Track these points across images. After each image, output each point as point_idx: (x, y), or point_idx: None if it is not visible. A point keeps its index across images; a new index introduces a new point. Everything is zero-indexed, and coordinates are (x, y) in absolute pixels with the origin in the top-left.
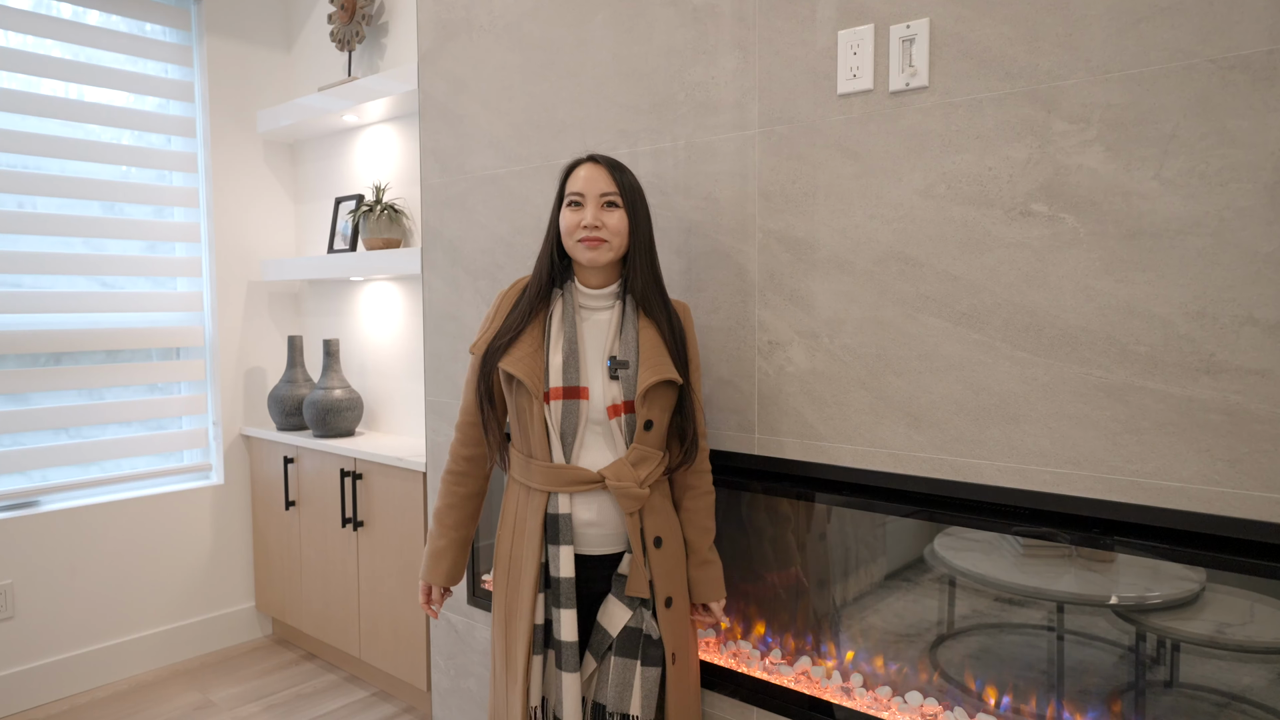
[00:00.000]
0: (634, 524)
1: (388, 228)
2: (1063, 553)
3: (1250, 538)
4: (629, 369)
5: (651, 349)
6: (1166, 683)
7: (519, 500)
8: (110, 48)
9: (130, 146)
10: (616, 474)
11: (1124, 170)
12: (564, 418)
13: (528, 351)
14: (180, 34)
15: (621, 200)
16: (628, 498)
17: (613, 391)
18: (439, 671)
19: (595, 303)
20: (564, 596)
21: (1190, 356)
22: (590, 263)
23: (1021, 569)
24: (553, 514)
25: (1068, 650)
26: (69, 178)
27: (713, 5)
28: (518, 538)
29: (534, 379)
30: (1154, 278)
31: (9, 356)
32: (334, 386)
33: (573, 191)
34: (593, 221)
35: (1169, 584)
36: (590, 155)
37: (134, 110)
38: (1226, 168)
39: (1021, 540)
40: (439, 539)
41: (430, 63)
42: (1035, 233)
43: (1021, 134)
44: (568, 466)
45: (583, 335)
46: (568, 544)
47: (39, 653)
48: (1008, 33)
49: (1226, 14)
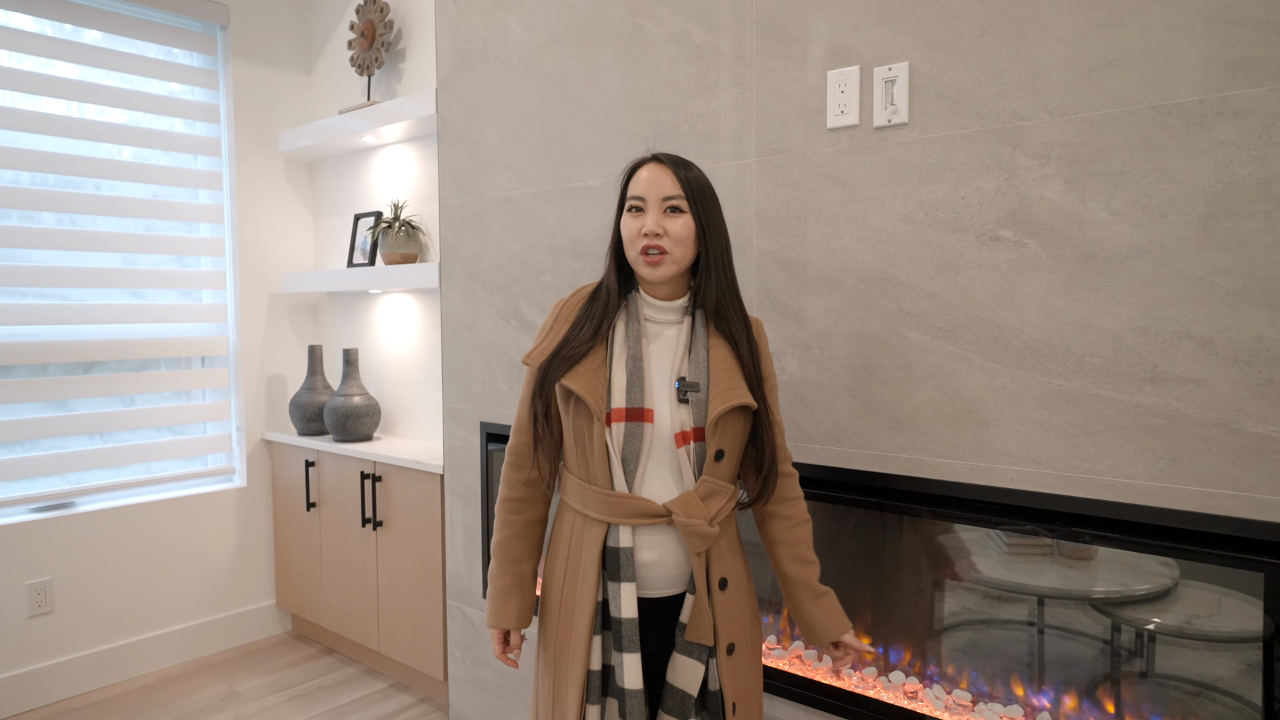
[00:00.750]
0: (700, 565)
1: (405, 243)
2: (1044, 550)
3: (1187, 527)
4: (699, 392)
5: (724, 370)
6: (1143, 673)
7: (573, 529)
8: (142, 73)
9: (162, 166)
10: (685, 509)
11: (1079, 201)
12: (626, 442)
13: (591, 367)
14: (207, 58)
15: (687, 203)
16: (696, 536)
17: (681, 416)
18: (455, 662)
19: (662, 316)
20: (627, 639)
21: (1136, 367)
22: (651, 279)
23: (1006, 566)
24: (612, 547)
25: (1049, 643)
26: (108, 197)
27: (713, 44)
28: (570, 571)
29: (596, 397)
30: (1105, 297)
31: (51, 366)
32: (353, 394)
33: (633, 196)
34: (653, 228)
35: (1144, 579)
36: (653, 154)
37: (165, 132)
38: (1166, 201)
39: (1005, 539)
40: (503, 577)
41: (449, 90)
42: (1003, 256)
43: (990, 167)
44: (630, 496)
45: (648, 352)
46: (629, 581)
47: (76, 645)
48: (977, 77)
49: (1165, 66)
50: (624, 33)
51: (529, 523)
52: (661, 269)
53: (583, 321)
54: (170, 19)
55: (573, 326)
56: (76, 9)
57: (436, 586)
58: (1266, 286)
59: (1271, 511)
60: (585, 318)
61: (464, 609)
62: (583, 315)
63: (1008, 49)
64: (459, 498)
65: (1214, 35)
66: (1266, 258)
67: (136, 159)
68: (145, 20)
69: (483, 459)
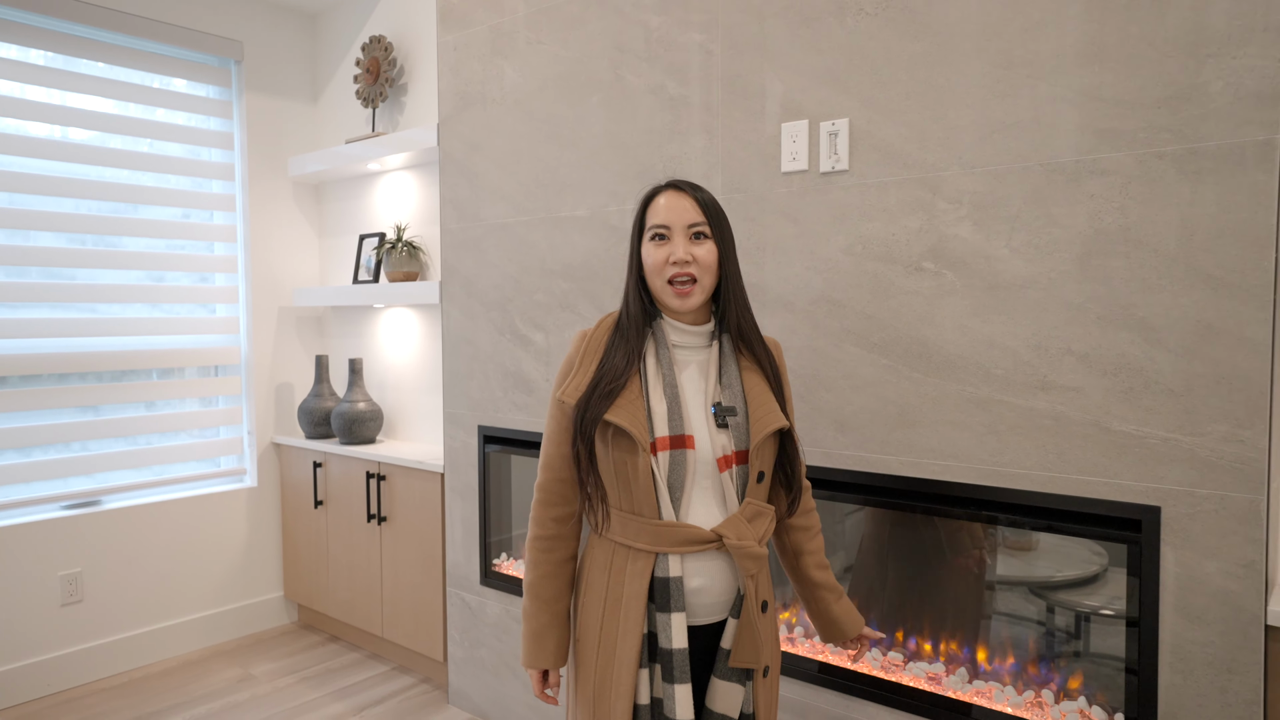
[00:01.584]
0: (752, 588)
1: (407, 262)
2: (990, 545)
3: (1072, 509)
4: (737, 415)
5: (759, 392)
6: (1077, 653)
7: (613, 562)
8: (165, 105)
9: (181, 190)
10: (736, 532)
11: (985, 240)
12: (671, 470)
13: (629, 399)
14: (223, 90)
15: (710, 230)
16: (749, 558)
17: (721, 440)
18: (454, 644)
19: (690, 341)
20: (678, 670)
21: (1031, 377)
22: (682, 308)
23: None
24: (661, 578)
25: (994, 625)
26: (133, 219)
27: (685, 96)
28: (612, 605)
29: (640, 429)
30: (1006, 319)
31: (89, 375)
32: (358, 400)
33: (656, 224)
34: (683, 256)
35: (1076, 565)
36: (671, 181)
37: (184, 159)
38: (1051, 241)
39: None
40: (538, 616)
41: (450, 127)
42: (926, 284)
43: (915, 210)
44: (679, 524)
45: (680, 378)
46: (680, 611)
47: (104, 632)
48: (904, 134)
49: (1049, 132)
50: (608, 83)
51: (560, 561)
52: (692, 298)
53: (612, 353)
54: (191, 55)
55: (603, 359)
56: (108, 48)
57: (437, 575)
58: (1127, 313)
59: (1133, 495)
60: (613, 349)
61: (463, 595)
62: (610, 347)
63: (928, 112)
64: (458, 494)
65: (1086, 109)
66: (1127, 289)
67: (159, 184)
68: (168, 57)
69: (480, 458)
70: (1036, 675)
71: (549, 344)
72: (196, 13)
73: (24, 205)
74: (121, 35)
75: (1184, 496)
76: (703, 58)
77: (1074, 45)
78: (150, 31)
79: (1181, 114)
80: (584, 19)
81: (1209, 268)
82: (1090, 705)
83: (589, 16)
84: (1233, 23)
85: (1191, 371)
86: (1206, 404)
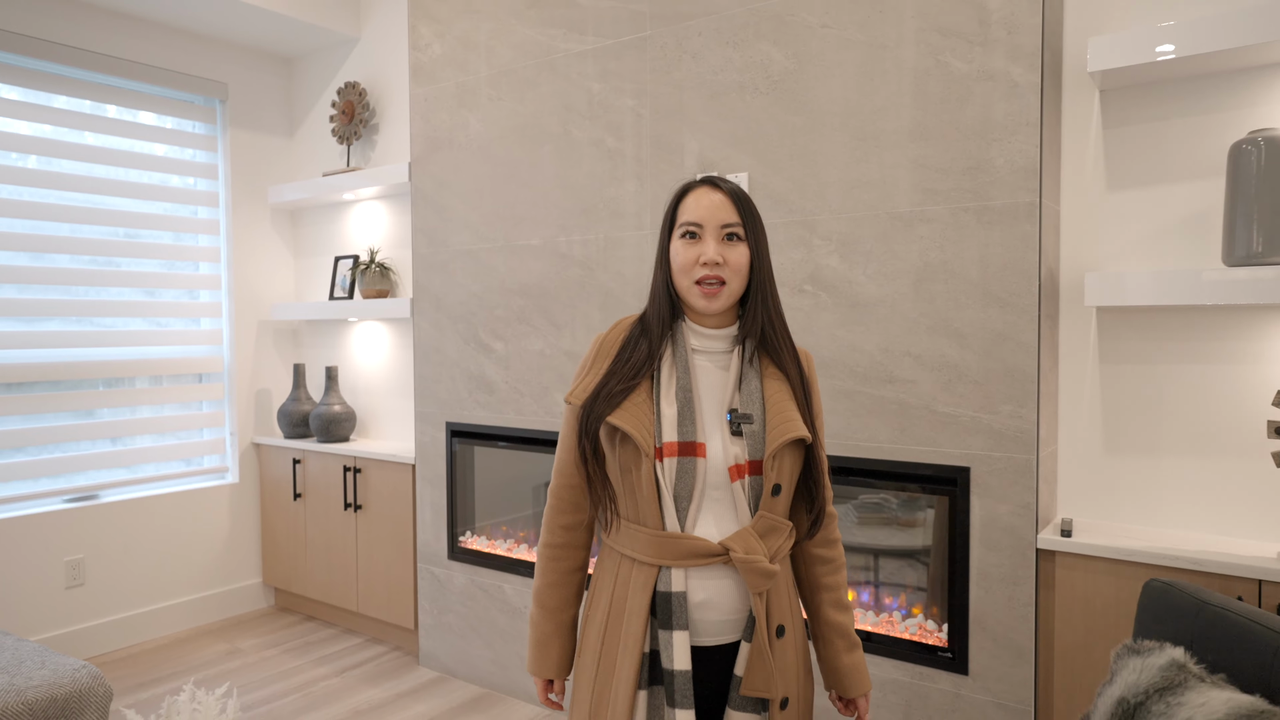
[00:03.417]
0: (761, 607)
1: (379, 280)
2: (885, 519)
3: (910, 473)
4: (753, 424)
5: (779, 401)
6: (921, 588)
7: (618, 574)
8: (155, 139)
9: (170, 215)
10: (744, 545)
11: (848, 268)
12: (679, 479)
13: (636, 402)
14: (208, 126)
15: (744, 232)
16: (756, 574)
17: (735, 450)
18: (424, 612)
19: (711, 345)
20: (680, 694)
21: (882, 373)
22: (708, 310)
23: (860, 529)
24: (663, 592)
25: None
26: (127, 242)
27: (620, 149)
28: (614, 619)
29: (642, 433)
30: (864, 330)
31: (83, 382)
32: (334, 403)
33: (688, 221)
34: (714, 257)
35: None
36: (706, 177)
37: (173, 188)
38: (894, 271)
39: (856, 509)
40: (543, 624)
41: (421, 166)
42: (806, 303)
43: (797, 244)
44: (683, 536)
45: (697, 384)
46: (682, 629)
47: (104, 612)
48: (789, 186)
49: (891, 189)
50: (558, 135)
51: (569, 570)
52: (719, 301)
53: (626, 354)
54: (181, 95)
55: (615, 360)
56: (111, 90)
57: (408, 554)
58: (946, 325)
59: (952, 459)
60: (628, 350)
61: (432, 569)
62: (625, 348)
63: (806, 170)
64: (428, 482)
65: (916, 173)
66: (946, 307)
67: (150, 210)
68: (162, 97)
69: (448, 450)
70: (890, 603)
71: (508, 351)
72: (187, 58)
73: (27, 230)
74: (122, 79)
75: (985, 459)
76: (634, 119)
77: (907, 126)
78: (147, 75)
79: (978, 180)
80: (537, 82)
81: (998, 292)
82: (926, 620)
83: (541, 80)
84: (1009, 118)
85: (988, 367)
86: (998, 390)
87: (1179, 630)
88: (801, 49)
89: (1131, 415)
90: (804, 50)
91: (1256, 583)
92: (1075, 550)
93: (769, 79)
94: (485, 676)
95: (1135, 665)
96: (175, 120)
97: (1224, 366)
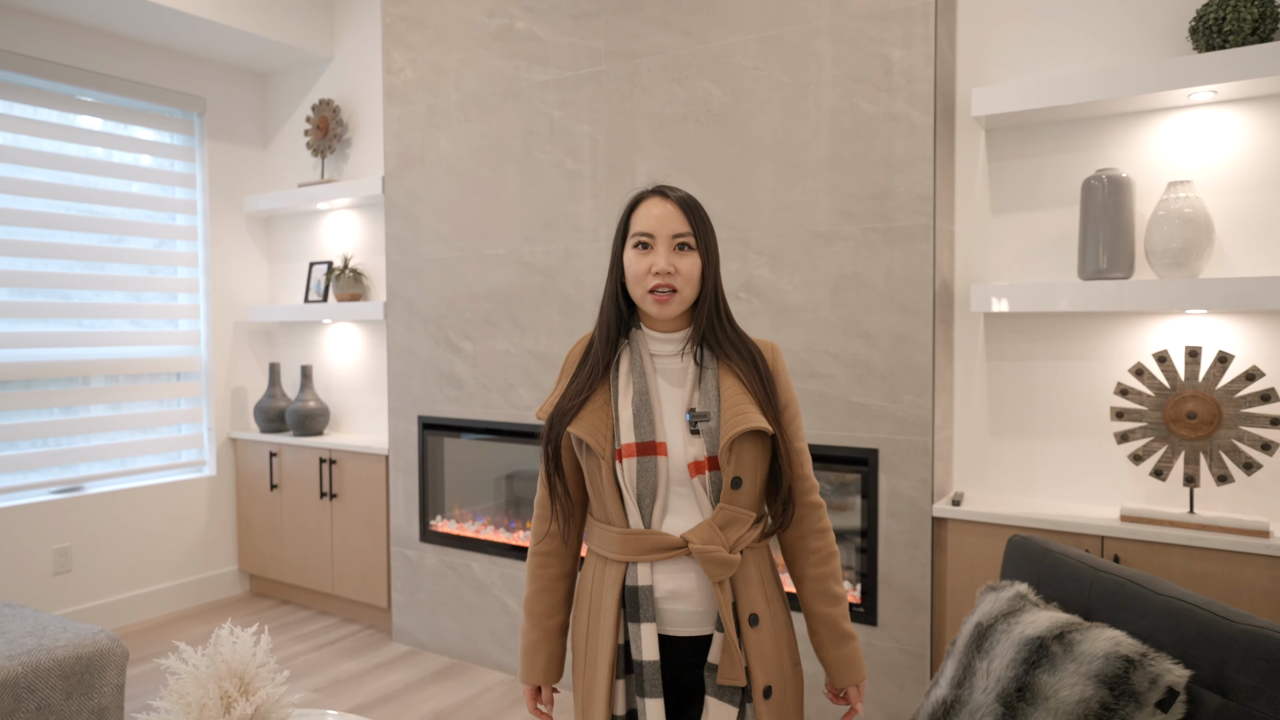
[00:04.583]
0: (724, 596)
1: (352, 285)
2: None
3: (833, 455)
4: (710, 421)
5: (733, 397)
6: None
7: (595, 573)
8: (136, 150)
9: (150, 223)
10: (701, 537)
11: (777, 279)
12: (640, 478)
13: (593, 409)
14: (186, 138)
15: (695, 241)
16: (714, 564)
17: (694, 448)
18: (397, 591)
19: (668, 349)
20: (648, 684)
21: (807, 369)
22: (661, 316)
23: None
24: (631, 586)
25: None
26: (110, 248)
27: (579, 170)
28: (594, 615)
29: (597, 437)
30: (792, 332)
31: (63, 379)
32: (309, 399)
33: (639, 231)
34: (665, 267)
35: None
36: (658, 187)
37: (152, 196)
38: (815, 282)
39: None
40: (530, 632)
41: (394, 180)
42: (742, 308)
43: (734, 258)
44: (645, 532)
45: (656, 386)
46: (649, 621)
47: (90, 596)
48: (727, 206)
49: (813, 211)
50: (522, 156)
51: (555, 577)
52: (670, 307)
53: (583, 366)
54: (161, 109)
55: (575, 374)
56: (87, 105)
57: (382, 538)
58: (859, 328)
59: (864, 442)
60: (584, 362)
61: (405, 551)
62: (583, 361)
63: (741, 193)
64: (401, 471)
65: (833, 197)
66: (859, 312)
67: (131, 217)
68: (140, 110)
69: (420, 441)
70: None
71: (476, 350)
72: (167, 74)
73: (17, 237)
74: (105, 94)
75: (890, 442)
76: (591, 143)
77: (825, 157)
78: (128, 90)
79: (884, 205)
80: (503, 107)
81: (901, 299)
82: (844, 580)
83: (507, 106)
84: (908, 153)
85: (893, 364)
86: (901, 383)
87: (1030, 573)
88: (737, 87)
89: (1013, 404)
90: (739, 88)
91: (1100, 538)
92: (963, 517)
93: (709, 112)
94: (454, 648)
95: (991, 598)
96: (156, 132)
97: (1080, 363)
